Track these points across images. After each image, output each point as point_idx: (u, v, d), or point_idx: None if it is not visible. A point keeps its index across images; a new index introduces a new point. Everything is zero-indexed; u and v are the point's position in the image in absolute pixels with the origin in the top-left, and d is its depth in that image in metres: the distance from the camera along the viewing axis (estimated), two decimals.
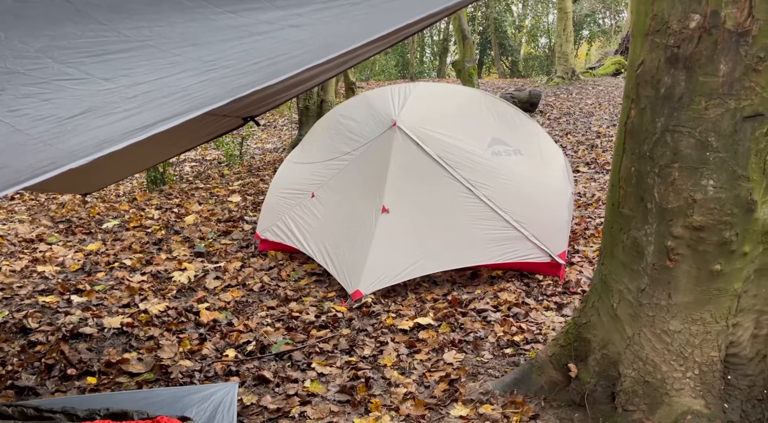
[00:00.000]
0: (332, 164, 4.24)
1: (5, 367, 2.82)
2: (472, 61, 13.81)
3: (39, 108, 1.20)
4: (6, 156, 1.06)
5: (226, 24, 1.58)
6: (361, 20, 1.62)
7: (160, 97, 1.25)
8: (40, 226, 5.09)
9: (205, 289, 3.77)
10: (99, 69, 1.38)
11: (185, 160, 9.33)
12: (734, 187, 1.80)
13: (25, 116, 1.16)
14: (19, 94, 1.24)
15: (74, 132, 1.11)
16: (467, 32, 13.84)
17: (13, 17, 1.52)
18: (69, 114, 1.17)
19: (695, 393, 1.94)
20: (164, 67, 1.40)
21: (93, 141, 1.04)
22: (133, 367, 2.85)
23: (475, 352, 2.95)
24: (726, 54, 1.73)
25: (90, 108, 1.20)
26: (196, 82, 1.31)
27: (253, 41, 1.50)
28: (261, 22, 1.58)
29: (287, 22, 1.58)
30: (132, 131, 1.07)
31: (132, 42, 1.52)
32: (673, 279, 1.96)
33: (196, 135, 2.59)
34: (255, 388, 2.70)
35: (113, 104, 1.22)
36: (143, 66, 1.42)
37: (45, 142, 1.09)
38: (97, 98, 1.24)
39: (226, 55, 1.43)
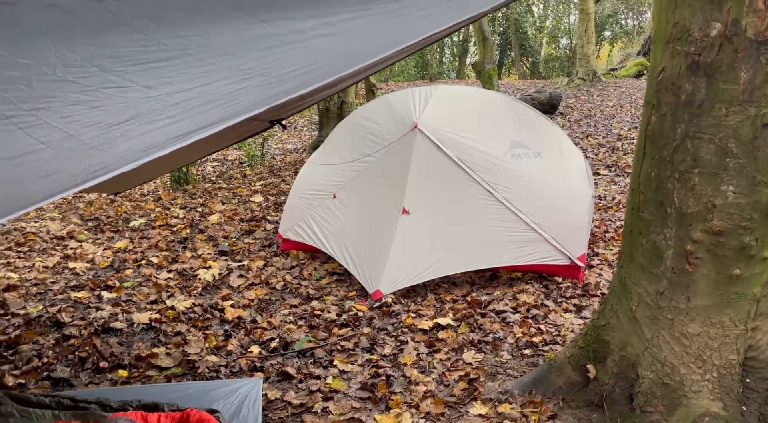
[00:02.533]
0: (353, 166, 4.31)
1: (41, 359, 2.93)
2: (492, 63, 13.80)
3: (88, 114, 1.28)
4: (61, 160, 1.14)
5: (259, 33, 1.65)
6: (389, 29, 1.68)
7: (200, 104, 1.32)
8: (70, 224, 5.24)
9: (229, 287, 3.86)
10: (142, 77, 1.46)
11: (207, 160, 9.47)
12: (754, 192, 1.82)
13: (76, 122, 1.24)
14: (69, 102, 1.33)
15: (123, 137, 1.18)
16: (487, 34, 13.84)
17: (59, 28, 1.61)
18: (116, 120, 1.25)
19: (713, 395, 1.97)
20: (202, 76, 1.48)
21: (141, 146, 1.11)
22: (162, 362, 2.94)
23: (494, 352, 2.99)
24: (746, 62, 1.76)
25: (135, 115, 1.28)
26: (234, 90, 1.38)
27: (285, 50, 1.57)
28: (292, 31, 1.65)
29: (317, 32, 1.65)
30: (176, 137, 1.14)
31: (172, 51, 1.60)
32: (692, 283, 1.99)
33: (226, 137, 2.68)
34: (279, 383, 2.77)
35: (156, 111, 1.30)
36: (183, 74, 1.49)
37: (96, 147, 1.16)
38: (141, 105, 1.32)
39: (260, 64, 1.51)
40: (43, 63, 1.49)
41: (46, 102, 1.31)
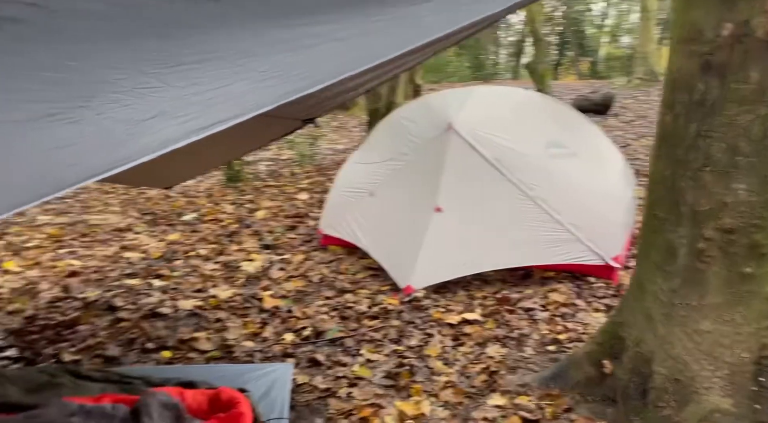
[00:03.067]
0: (391, 165, 4.42)
1: (95, 339, 3.20)
2: (546, 63, 13.64)
3: (120, 112, 1.44)
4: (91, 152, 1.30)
5: (279, 38, 1.79)
6: (399, 33, 1.78)
7: (218, 103, 1.46)
8: (129, 217, 5.59)
9: (269, 279, 4.05)
10: (173, 78, 1.62)
11: (261, 159, 9.81)
12: (764, 191, 1.83)
13: (109, 119, 1.41)
14: (106, 100, 1.50)
15: (145, 133, 1.34)
16: (541, 34, 13.69)
17: (102, 33, 1.80)
18: (143, 117, 1.41)
19: (724, 392, 1.98)
20: (227, 77, 1.62)
21: (158, 140, 1.26)
22: (202, 345, 3.15)
23: (518, 347, 3.04)
24: (757, 62, 1.76)
25: (160, 112, 1.43)
26: (249, 90, 1.52)
27: (299, 54, 1.70)
28: (309, 35, 1.78)
29: (332, 36, 1.77)
30: (191, 132, 1.29)
31: (201, 54, 1.76)
32: (704, 280, 2.00)
33: (261, 136, 2.85)
34: (308, 369, 2.92)
35: (179, 109, 1.45)
36: (208, 75, 1.65)
37: (122, 141, 1.33)
38: (168, 104, 1.48)
39: (276, 66, 1.64)
40: (86, 66, 1.68)
41: (86, 101, 1.48)
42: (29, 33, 1.78)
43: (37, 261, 4.39)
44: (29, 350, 3.07)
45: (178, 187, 6.87)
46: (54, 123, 1.43)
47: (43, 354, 3.03)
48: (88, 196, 6.72)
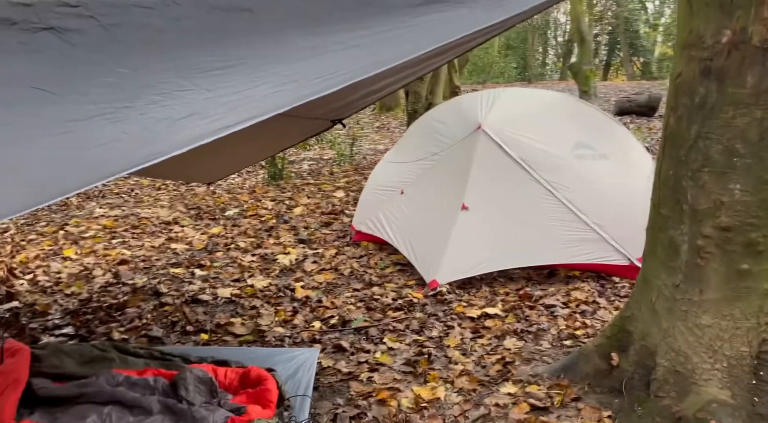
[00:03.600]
0: (421, 164, 4.57)
1: (141, 321, 3.48)
2: (590, 64, 13.48)
3: (159, 111, 1.65)
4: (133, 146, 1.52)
5: (304, 45, 1.97)
6: (413, 39, 1.94)
7: (242, 104, 1.66)
8: (176, 212, 5.93)
9: (302, 271, 4.27)
10: (205, 82, 1.83)
11: (304, 158, 10.11)
12: (760, 191, 1.90)
13: (150, 118, 1.62)
14: (149, 102, 1.72)
15: (179, 130, 1.54)
16: (586, 34, 13.53)
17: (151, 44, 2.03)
18: (179, 116, 1.62)
19: (722, 384, 2.05)
20: (252, 81, 1.82)
21: (190, 137, 1.46)
22: (237, 330, 3.38)
23: (535, 341, 3.14)
24: (753, 67, 1.84)
25: (193, 112, 1.64)
26: (271, 93, 1.71)
27: (321, 59, 1.88)
28: (331, 43, 1.96)
29: (352, 43, 1.94)
30: (217, 130, 1.48)
31: (232, 61, 1.96)
32: (704, 276, 2.08)
33: (291, 135, 3.06)
34: (333, 354, 3.11)
35: (209, 109, 1.65)
36: (237, 80, 1.85)
37: (160, 137, 1.53)
38: (200, 105, 1.68)
39: (297, 71, 1.82)
40: (135, 72, 1.91)
41: (131, 102, 1.71)
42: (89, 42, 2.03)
43: (92, 249, 4.74)
44: (84, 328, 3.37)
45: (224, 184, 7.23)
46: (104, 121, 1.66)
47: (95, 332, 3.33)
48: (141, 192, 7.14)
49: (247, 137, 3.23)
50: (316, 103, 2.44)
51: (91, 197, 7.05)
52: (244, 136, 3.12)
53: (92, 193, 7.41)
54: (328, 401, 2.69)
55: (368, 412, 2.57)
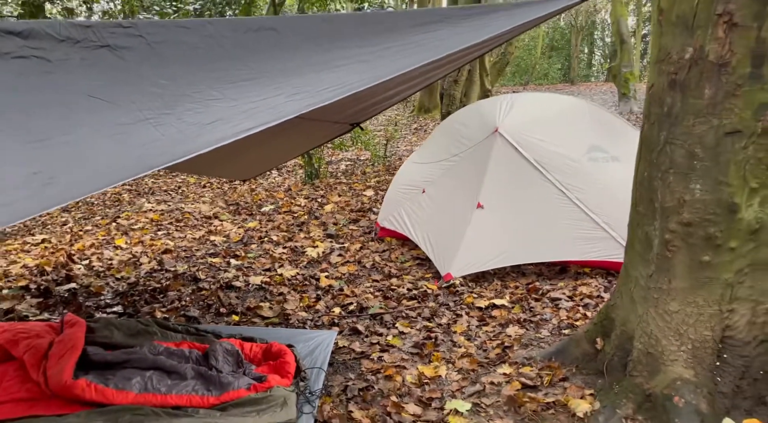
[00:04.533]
0: (442, 164, 4.85)
1: (181, 302, 3.87)
2: (630, 66, 13.42)
3: (193, 117, 2.00)
4: (169, 146, 1.86)
5: (317, 60, 2.30)
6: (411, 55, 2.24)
7: (260, 111, 1.98)
8: (217, 207, 6.38)
9: (328, 263, 4.61)
10: (232, 92, 2.17)
11: (342, 159, 10.50)
12: (716, 191, 2.11)
13: (184, 122, 1.97)
14: (185, 109, 2.07)
15: (207, 133, 1.88)
16: (626, 36, 13.49)
17: (189, 58, 2.39)
18: (208, 121, 1.96)
19: (687, 364, 2.26)
20: (270, 91, 2.15)
21: (213, 138, 1.79)
22: (265, 313, 3.74)
23: (536, 329, 3.38)
24: (710, 81, 2.06)
25: (219, 118, 1.97)
26: (285, 102, 2.03)
27: (330, 72, 2.19)
28: (340, 57, 2.28)
29: (359, 58, 2.25)
30: (238, 132, 1.80)
31: (256, 72, 2.30)
32: (672, 267, 2.29)
33: (313, 137, 3.39)
34: (349, 336, 3.42)
35: (233, 115, 1.98)
36: (258, 90, 2.18)
37: (191, 139, 1.88)
38: (225, 112, 2.02)
39: (309, 82, 2.14)
40: (174, 83, 2.27)
41: (170, 109, 2.06)
42: (137, 58, 2.42)
43: (140, 240, 5.21)
44: (131, 308, 3.80)
45: (264, 183, 7.66)
46: (148, 125, 2.02)
47: (141, 311, 3.74)
48: (187, 190, 7.64)
49: (276, 139, 3.59)
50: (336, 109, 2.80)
51: (142, 194, 7.60)
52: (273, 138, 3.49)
53: (143, 190, 7.98)
54: (341, 375, 3.00)
55: (375, 385, 2.87)
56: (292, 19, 2.91)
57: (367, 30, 2.47)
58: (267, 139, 3.14)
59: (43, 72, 2.28)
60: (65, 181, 1.71)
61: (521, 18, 2.31)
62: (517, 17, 2.31)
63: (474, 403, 2.66)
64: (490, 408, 2.63)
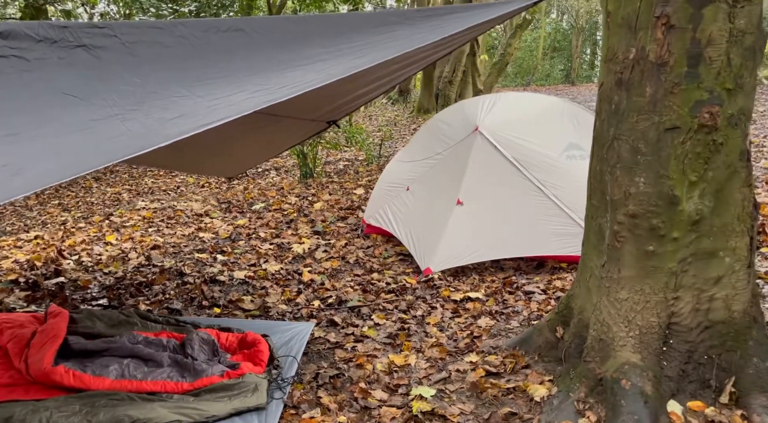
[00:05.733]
0: (426, 162, 4.95)
1: (164, 296, 3.99)
2: None
3: (158, 113, 2.11)
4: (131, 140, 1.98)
5: (280, 59, 2.41)
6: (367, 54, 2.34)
7: (221, 107, 2.09)
8: (208, 205, 6.50)
9: (312, 258, 4.72)
10: (198, 89, 2.29)
11: (340, 159, 10.61)
12: (658, 184, 2.20)
13: (149, 118, 2.08)
14: (152, 105, 2.19)
15: (169, 127, 1.99)
16: None
17: (159, 57, 2.51)
18: (171, 117, 2.07)
19: (634, 349, 2.36)
20: (234, 89, 2.26)
21: (173, 132, 1.90)
22: (246, 306, 3.85)
23: (506, 321, 3.48)
24: (650, 79, 2.16)
25: (183, 113, 2.09)
26: (245, 99, 2.13)
27: (291, 70, 2.30)
28: (303, 57, 2.39)
29: (318, 58, 2.36)
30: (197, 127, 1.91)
31: (223, 71, 2.42)
32: (621, 256, 2.39)
33: (293, 135, 3.50)
34: (326, 328, 3.52)
35: (194, 112, 2.09)
36: (224, 87, 2.29)
37: (154, 132, 1.99)
38: (189, 108, 2.13)
39: (269, 80, 2.25)
40: (146, 81, 2.39)
41: (138, 105, 2.18)
42: (111, 57, 2.53)
43: (130, 236, 5.34)
44: (116, 300, 3.92)
45: (262, 182, 7.77)
46: (117, 121, 2.13)
47: (125, 304, 3.86)
48: (186, 190, 7.77)
49: (255, 135, 3.70)
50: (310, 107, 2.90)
51: (142, 193, 7.74)
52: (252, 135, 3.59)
53: (143, 190, 8.12)
54: (314, 364, 3.11)
55: (346, 373, 2.97)
56: (260, 20, 3.02)
57: (331, 31, 2.58)
58: (246, 135, 3.25)
59: (22, 70, 2.40)
60: (32, 173, 1.83)
61: (477, 18, 2.42)
62: (472, 18, 2.42)
63: (439, 390, 2.76)
64: (453, 394, 2.73)
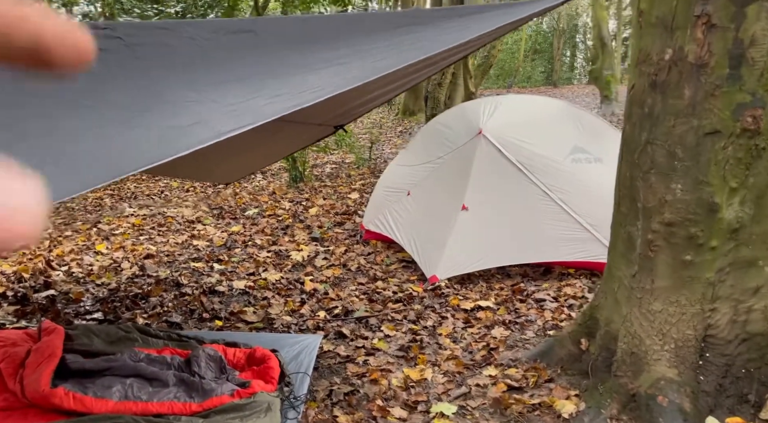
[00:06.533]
0: (427, 167, 4.85)
1: (163, 308, 3.82)
2: (612, 69, 13.55)
3: (169, 120, 1.97)
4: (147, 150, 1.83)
5: (296, 62, 2.28)
6: (391, 56, 2.23)
7: (240, 113, 1.95)
8: (200, 211, 6.32)
9: (313, 266, 4.58)
10: (212, 94, 2.14)
11: (327, 162, 10.46)
12: (697, 190, 2.12)
13: (160, 126, 1.94)
14: (160, 111, 2.04)
15: (184, 136, 1.85)
16: (606, 39, 13.63)
17: (167, 60, 2.36)
18: (186, 123, 1.93)
19: (670, 363, 2.27)
20: (251, 93, 2.12)
21: (192, 141, 1.76)
22: (249, 318, 3.70)
23: (521, 331, 3.38)
24: (689, 81, 2.07)
25: (198, 120, 1.94)
26: (265, 104, 2.00)
27: (309, 75, 2.18)
28: (318, 60, 2.26)
29: (336, 61, 2.24)
30: (218, 134, 1.78)
31: (236, 75, 2.28)
32: (655, 267, 2.30)
33: (297, 140, 3.37)
34: (334, 340, 3.40)
35: (213, 118, 1.96)
36: (239, 92, 2.15)
37: (167, 143, 1.85)
38: (205, 114, 1.99)
39: (288, 85, 2.12)
40: (154, 85, 2.24)
41: (149, 111, 2.03)
42: (116, 60, 2.37)
43: (121, 245, 5.14)
44: (112, 314, 3.74)
45: (249, 186, 7.60)
46: (123, 127, 1.98)
47: (121, 317, 3.68)
48: (170, 194, 7.56)
49: (259, 142, 3.55)
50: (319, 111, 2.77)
51: (124, 198, 7.50)
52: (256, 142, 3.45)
53: (125, 194, 7.87)
54: (326, 380, 2.98)
55: (361, 389, 2.85)
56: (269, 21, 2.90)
57: (346, 32, 2.46)
58: (250, 142, 3.11)
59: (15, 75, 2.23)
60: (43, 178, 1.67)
61: (504, 19, 2.31)
62: (499, 18, 2.31)
63: (460, 406, 2.65)
64: (476, 410, 2.62)
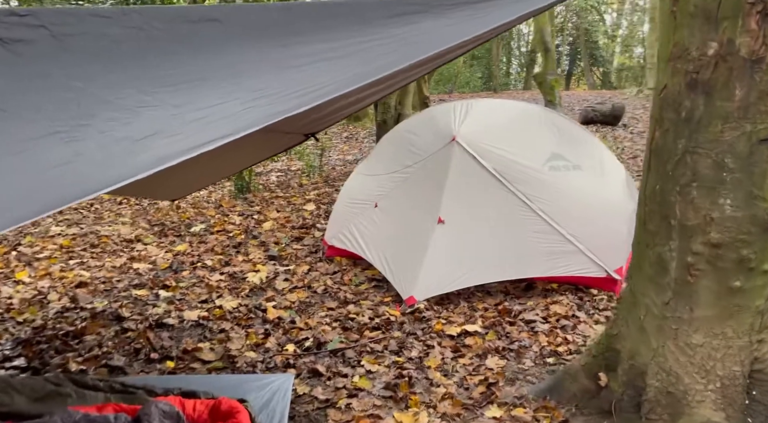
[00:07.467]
0: (395, 176, 4.47)
1: (101, 349, 3.26)
2: (554, 74, 13.65)
3: (120, 130, 1.51)
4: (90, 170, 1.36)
5: (276, 57, 1.85)
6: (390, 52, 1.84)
7: (213, 121, 1.52)
8: (139, 229, 5.69)
9: (274, 290, 4.11)
10: (171, 97, 1.69)
11: (272, 170, 9.91)
12: (750, 206, 1.85)
13: (109, 137, 1.47)
14: (107, 119, 1.57)
15: (142, 151, 1.40)
16: (549, 44, 13.71)
17: (109, 54, 1.88)
18: (141, 135, 1.47)
19: (716, 405, 1.99)
20: (222, 96, 1.69)
21: (153, 159, 1.32)
22: (206, 356, 3.20)
23: (517, 359, 3.06)
24: (741, 80, 1.79)
25: (158, 131, 1.49)
26: (242, 109, 1.57)
27: (294, 73, 1.76)
28: (304, 55, 1.85)
29: (324, 56, 1.83)
30: (185, 150, 1.34)
31: (200, 74, 1.83)
32: (695, 294, 2.02)
33: (264, 149, 2.92)
34: (309, 380, 2.96)
35: (176, 127, 1.51)
36: (206, 94, 1.71)
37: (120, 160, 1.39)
38: (165, 122, 1.54)
39: (269, 85, 1.70)
40: (91, 85, 1.75)
41: (89, 119, 1.56)
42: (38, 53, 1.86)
43: (47, 271, 4.48)
44: (37, 360, 3.14)
45: (189, 198, 6.98)
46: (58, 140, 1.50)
47: (50, 363, 3.10)
48: (101, 208, 6.85)
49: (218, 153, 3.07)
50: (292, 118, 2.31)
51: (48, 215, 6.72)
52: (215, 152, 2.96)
53: None
54: None
55: None
56: (239, 8, 2.44)
57: (332, 23, 2.04)
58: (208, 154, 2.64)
59: None
60: None
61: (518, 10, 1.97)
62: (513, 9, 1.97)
63: None
64: None
